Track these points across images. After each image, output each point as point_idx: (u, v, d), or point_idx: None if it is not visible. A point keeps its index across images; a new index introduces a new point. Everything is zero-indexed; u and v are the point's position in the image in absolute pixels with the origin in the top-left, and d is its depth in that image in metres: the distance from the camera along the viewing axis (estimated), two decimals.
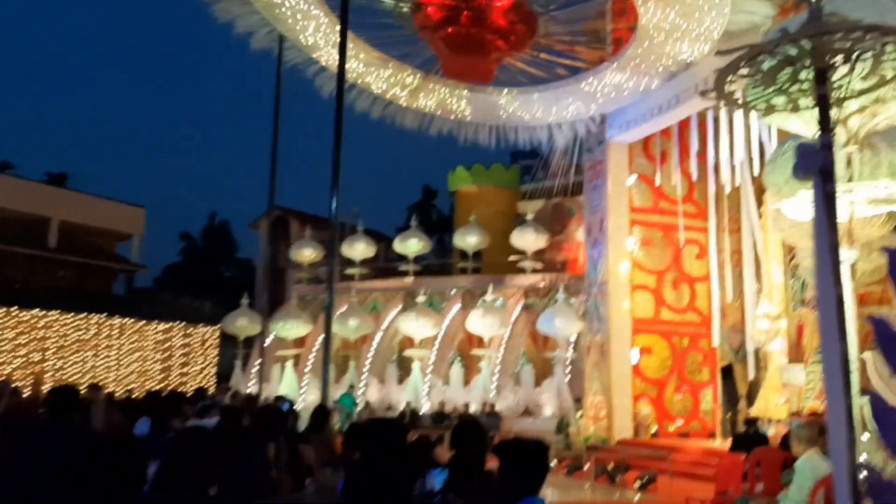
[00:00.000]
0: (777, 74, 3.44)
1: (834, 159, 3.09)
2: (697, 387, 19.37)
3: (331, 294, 9.99)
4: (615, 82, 17.15)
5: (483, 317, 20.79)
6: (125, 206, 32.59)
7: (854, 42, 3.18)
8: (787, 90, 3.56)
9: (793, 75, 3.40)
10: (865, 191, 4.98)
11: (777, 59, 3.42)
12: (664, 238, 19.81)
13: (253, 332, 24.70)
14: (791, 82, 3.46)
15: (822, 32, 3.22)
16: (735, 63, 3.58)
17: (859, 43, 3.16)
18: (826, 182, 3.03)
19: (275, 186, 17.75)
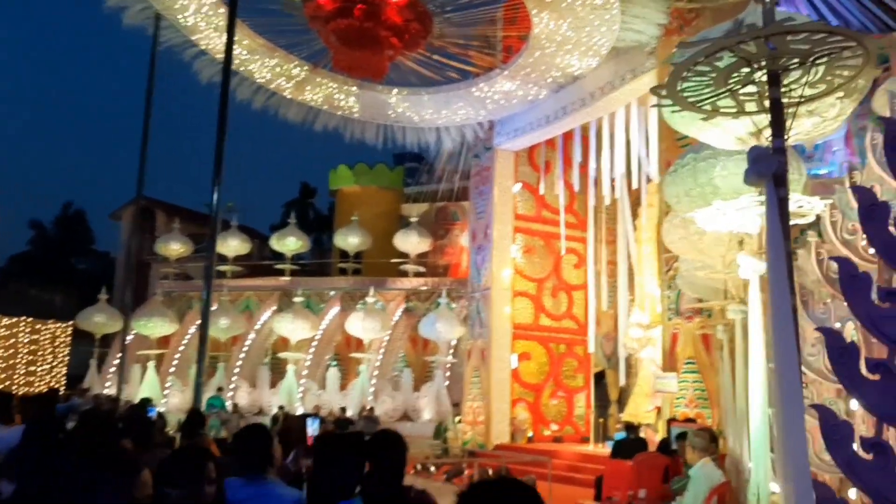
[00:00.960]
0: (731, 74, 3.33)
1: (787, 164, 3.00)
2: (572, 392, 19.81)
3: (208, 292, 9.27)
4: (505, 90, 17.26)
5: (364, 319, 20.34)
6: None
7: (814, 44, 3.11)
8: (735, 91, 3.45)
9: (746, 77, 3.30)
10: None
11: (735, 58, 3.30)
12: (545, 247, 20.17)
13: (112, 329, 23.05)
14: (742, 84, 3.36)
15: (785, 31, 3.12)
16: (693, 59, 3.43)
17: (819, 46, 3.09)
18: (779, 186, 2.93)
19: (144, 174, 16.58)
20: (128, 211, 36.97)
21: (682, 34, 13.75)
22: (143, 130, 16.23)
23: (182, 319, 23.67)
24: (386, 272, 25.64)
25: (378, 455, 3.47)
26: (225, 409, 19.27)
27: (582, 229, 20.28)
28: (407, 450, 3.46)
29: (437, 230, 25.76)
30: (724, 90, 3.37)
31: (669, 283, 13.37)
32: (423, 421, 19.66)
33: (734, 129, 4.43)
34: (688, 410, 12.57)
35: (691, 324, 12.75)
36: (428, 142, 20.24)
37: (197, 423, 7.24)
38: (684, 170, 6.47)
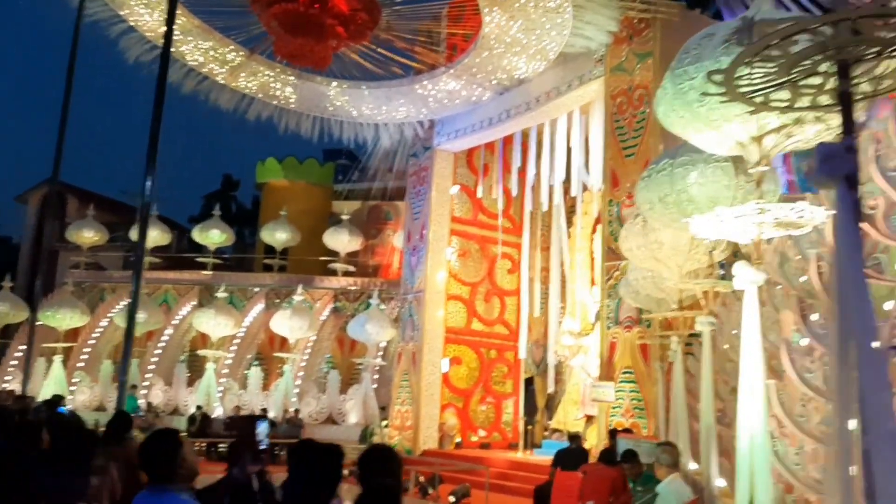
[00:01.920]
0: (793, 66, 3.06)
1: (859, 164, 2.74)
2: (501, 398, 19.63)
3: (137, 284, 8.55)
4: (449, 89, 16.94)
5: (290, 318, 19.62)
6: None
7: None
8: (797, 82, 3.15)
9: (814, 66, 3.03)
10: (779, 212, 4.91)
11: (805, 46, 3.01)
12: (480, 251, 19.94)
13: (16, 319, 21.52)
14: (807, 74, 3.09)
15: (861, 16, 2.84)
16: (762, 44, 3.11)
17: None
18: (851, 188, 2.66)
19: (61, 156, 15.47)
20: (36, 194, 34.85)
21: (630, 44, 13.78)
22: (63, 109, 15.15)
23: (93, 311, 22.32)
24: (312, 270, 24.92)
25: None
26: (138, 409, 18.20)
27: (517, 235, 20.18)
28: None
29: (369, 229, 25.23)
30: (786, 80, 3.09)
31: (609, 291, 13.32)
32: (348, 424, 19.10)
33: (735, 134, 4.22)
34: (624, 420, 12.54)
35: (630, 333, 12.73)
36: (365, 138, 19.69)
37: (124, 426, 6.59)
38: (660, 175, 6.29)
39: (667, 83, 4.97)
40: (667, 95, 4.96)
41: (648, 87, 13.30)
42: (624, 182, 13.45)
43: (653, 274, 9.39)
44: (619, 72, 13.90)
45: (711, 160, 5.85)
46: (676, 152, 6.29)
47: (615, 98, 13.94)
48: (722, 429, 7.07)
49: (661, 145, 12.92)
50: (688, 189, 5.98)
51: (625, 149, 13.59)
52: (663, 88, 5.05)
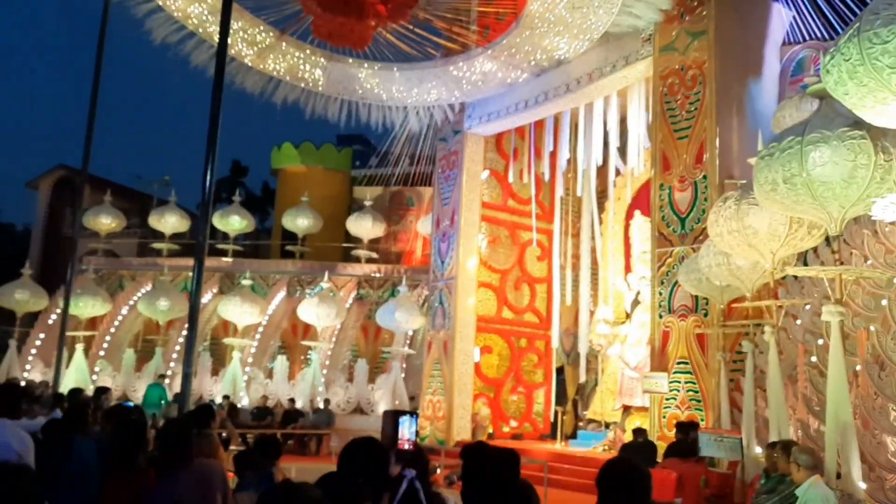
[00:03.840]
0: None
1: None
2: (532, 388, 19.27)
3: (199, 272, 8.12)
4: (484, 70, 16.45)
5: (318, 305, 19.19)
6: None
7: None
8: None
9: None
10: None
11: None
12: (510, 237, 19.53)
13: (35, 307, 21.14)
14: None
15: None
16: None
17: None
18: None
19: (91, 142, 14.91)
20: (47, 180, 34.34)
21: (682, 22, 13.31)
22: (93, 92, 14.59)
23: (112, 299, 21.89)
24: (331, 257, 24.52)
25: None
26: (162, 402, 17.81)
27: (547, 221, 19.76)
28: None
29: (391, 215, 24.77)
30: None
31: (661, 278, 12.91)
32: (377, 415, 18.69)
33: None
34: (679, 412, 12.17)
35: (685, 322, 12.33)
36: (384, 123, 19.17)
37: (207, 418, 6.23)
38: (785, 154, 5.83)
39: (847, 48, 4.52)
40: (845, 62, 4.52)
41: (702, 67, 12.85)
42: (676, 165, 13.02)
43: (728, 260, 8.99)
44: (669, 51, 13.42)
45: (846, 136, 5.42)
46: (804, 128, 5.84)
47: (665, 79, 13.47)
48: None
49: (717, 127, 12.53)
50: (819, 168, 5.53)
51: (676, 131, 13.14)
52: (840, 55, 4.60)
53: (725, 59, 12.89)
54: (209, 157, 8.16)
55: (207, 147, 8.22)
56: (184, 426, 4.41)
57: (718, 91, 12.64)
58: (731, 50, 13.08)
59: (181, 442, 4.31)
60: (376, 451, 3.55)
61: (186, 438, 4.34)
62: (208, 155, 8.17)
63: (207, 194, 8.17)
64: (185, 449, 4.33)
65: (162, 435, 4.37)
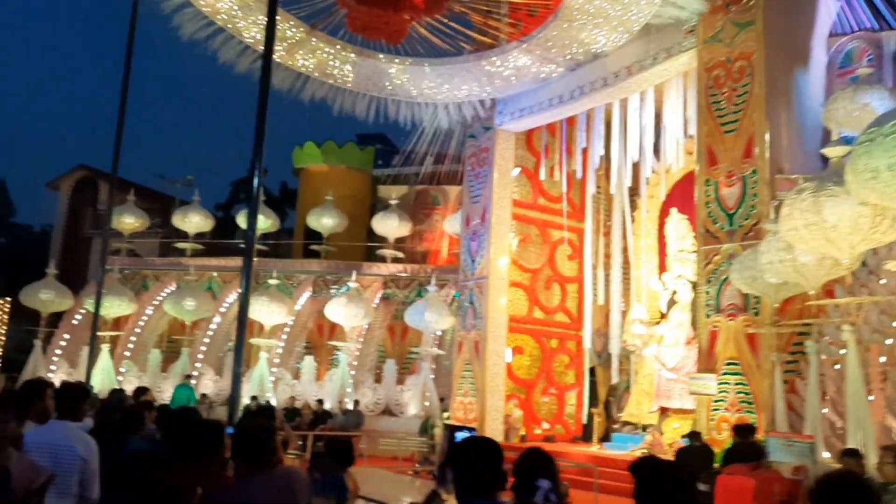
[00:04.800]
0: None
1: None
2: (563, 389, 18.91)
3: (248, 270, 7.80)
4: (518, 65, 16.11)
5: (346, 305, 18.89)
6: None
7: None
8: None
9: None
10: None
11: None
12: (540, 236, 19.18)
13: (60, 307, 20.96)
14: None
15: None
16: None
17: None
18: None
19: (121, 143, 14.56)
20: (68, 181, 34.28)
21: (728, 12, 12.93)
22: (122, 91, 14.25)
23: (137, 299, 21.69)
24: (355, 256, 24.25)
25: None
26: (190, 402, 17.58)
27: (578, 219, 19.39)
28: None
29: (416, 214, 24.45)
30: None
31: (708, 276, 12.52)
32: (407, 416, 18.43)
33: None
34: (728, 414, 11.78)
35: (734, 322, 11.94)
36: (407, 121, 18.82)
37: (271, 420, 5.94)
38: (888, 139, 5.48)
39: None
40: None
41: (750, 59, 12.47)
42: (723, 160, 12.63)
43: (792, 257, 8.62)
44: (714, 43, 13.04)
45: None
46: None
47: (710, 71, 13.09)
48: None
49: (767, 120, 12.15)
50: None
51: (723, 125, 12.76)
52: None
53: (774, 50, 12.51)
54: (256, 157, 7.87)
55: (254, 148, 7.92)
56: (265, 429, 4.09)
57: (767, 83, 12.25)
58: (779, 41, 12.69)
59: (263, 446, 3.99)
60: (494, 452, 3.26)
61: (268, 442, 4.03)
62: (255, 155, 7.87)
63: (255, 193, 7.87)
64: (267, 453, 4.01)
65: (240, 438, 4.04)
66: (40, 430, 4.45)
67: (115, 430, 5.62)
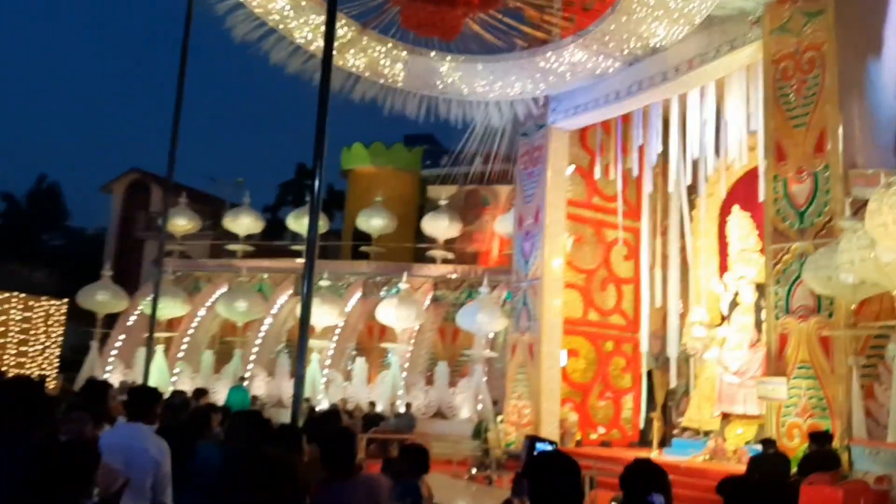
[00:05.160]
0: None
1: None
2: (620, 393, 18.47)
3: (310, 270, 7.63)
4: (574, 60, 15.76)
5: (398, 307, 18.74)
6: None
7: None
8: None
9: None
10: None
11: None
12: (595, 235, 18.79)
13: (116, 308, 21.24)
14: None
15: None
16: None
17: None
18: None
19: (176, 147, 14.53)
20: (121, 184, 34.95)
21: (796, 2, 12.39)
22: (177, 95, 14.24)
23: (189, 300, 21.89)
24: (402, 258, 24.12)
25: None
26: (249, 402, 17.59)
27: (634, 218, 18.91)
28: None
29: (466, 215, 24.18)
30: None
31: (777, 277, 12.00)
32: (460, 419, 18.18)
33: None
34: (800, 420, 11.26)
35: (806, 324, 11.41)
36: (471, 118, 18.62)
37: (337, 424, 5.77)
38: None
39: None
40: None
41: (821, 49, 11.92)
42: (792, 155, 12.10)
43: (874, 255, 8.14)
44: (782, 33, 12.51)
45: None
46: None
47: (777, 63, 12.56)
48: None
49: (839, 113, 11.61)
50: None
51: (792, 118, 12.23)
52: None
53: (845, 40, 11.94)
54: (316, 158, 7.74)
55: (315, 149, 7.79)
56: (346, 434, 3.90)
57: (839, 74, 11.70)
58: (851, 30, 12.11)
59: (346, 452, 3.80)
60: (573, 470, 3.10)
61: (351, 448, 3.83)
62: (316, 156, 7.74)
63: (316, 194, 7.71)
64: (350, 459, 3.82)
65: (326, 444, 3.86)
66: (112, 431, 4.32)
67: (182, 432, 5.48)
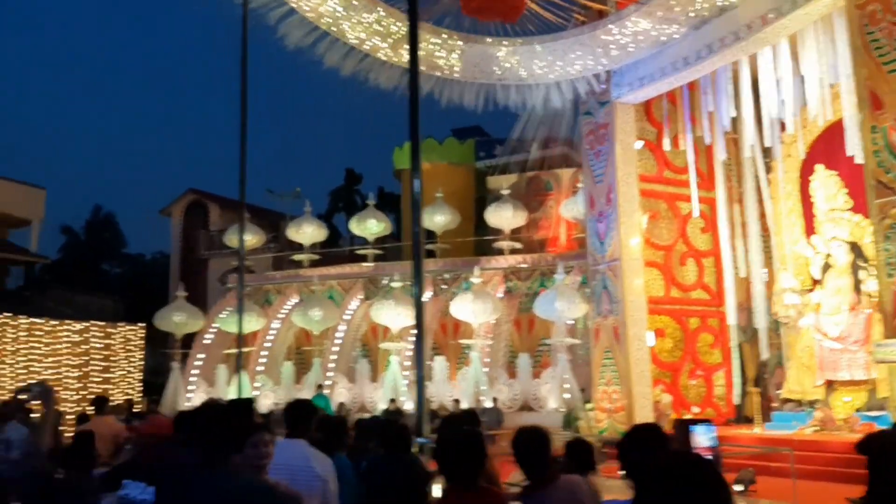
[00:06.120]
0: None
1: None
2: (710, 370, 17.84)
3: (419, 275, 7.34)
4: (637, 30, 15.19)
5: (473, 301, 18.41)
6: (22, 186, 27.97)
7: None
8: None
9: None
10: None
11: None
12: (669, 210, 18.16)
13: (192, 328, 21.42)
14: None
15: None
16: None
17: None
18: None
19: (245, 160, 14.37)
20: (179, 206, 35.39)
21: None
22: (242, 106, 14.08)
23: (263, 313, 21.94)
24: (464, 252, 23.80)
25: None
26: (331, 409, 17.50)
27: (707, 189, 18.24)
28: None
29: (529, 202, 23.73)
30: None
31: (886, 232, 11.31)
32: (547, 410, 17.77)
33: None
34: None
35: None
36: (528, 102, 18.13)
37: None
38: None
39: None
40: None
41: None
42: (890, 103, 11.39)
43: None
44: None
45: None
46: None
47: (863, 7, 11.84)
48: None
49: None
50: None
51: (885, 64, 11.51)
52: None
53: None
54: (414, 164, 7.48)
55: (411, 149, 7.53)
56: (541, 437, 3.57)
57: None
58: None
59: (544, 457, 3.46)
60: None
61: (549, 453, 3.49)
62: (413, 161, 7.49)
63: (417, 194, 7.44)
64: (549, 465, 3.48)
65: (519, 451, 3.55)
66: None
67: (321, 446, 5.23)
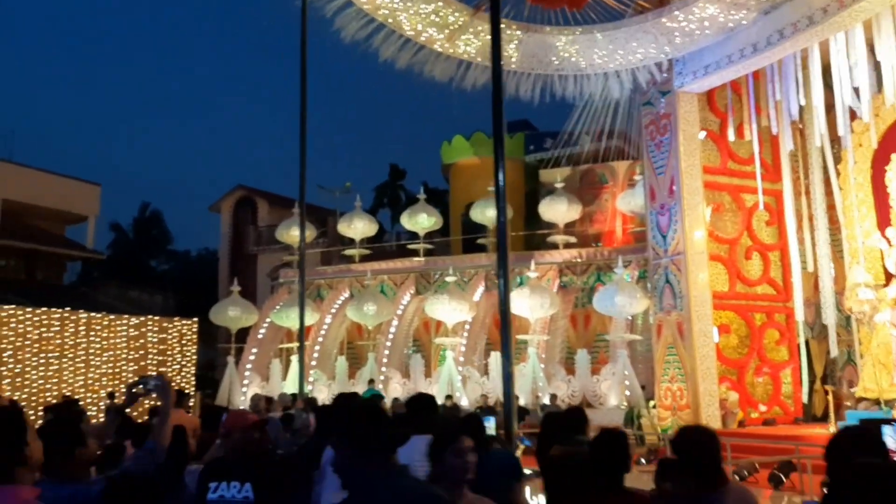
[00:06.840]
0: None
1: None
2: (777, 367, 17.25)
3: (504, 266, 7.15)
4: (704, 16, 14.69)
5: (530, 296, 18.10)
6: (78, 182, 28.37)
7: None
8: None
9: None
10: None
11: None
12: (733, 202, 17.60)
13: (247, 322, 21.49)
14: None
15: None
16: None
17: None
18: None
19: (304, 157, 14.33)
20: (228, 202, 35.69)
21: None
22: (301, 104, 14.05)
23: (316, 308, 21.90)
24: (516, 246, 23.45)
25: None
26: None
27: (772, 180, 17.63)
28: None
29: (583, 196, 23.29)
30: None
31: None
32: (608, 407, 17.38)
33: None
34: None
35: None
36: (591, 92, 17.72)
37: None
38: None
39: None
40: None
41: None
42: None
43: None
44: None
45: None
46: None
47: None
48: None
49: None
50: None
51: None
52: None
53: None
54: (497, 158, 7.28)
55: (496, 149, 7.35)
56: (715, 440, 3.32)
57: None
58: None
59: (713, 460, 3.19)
60: None
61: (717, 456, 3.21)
62: (497, 156, 7.30)
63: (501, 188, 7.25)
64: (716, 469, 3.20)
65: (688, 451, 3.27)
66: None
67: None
